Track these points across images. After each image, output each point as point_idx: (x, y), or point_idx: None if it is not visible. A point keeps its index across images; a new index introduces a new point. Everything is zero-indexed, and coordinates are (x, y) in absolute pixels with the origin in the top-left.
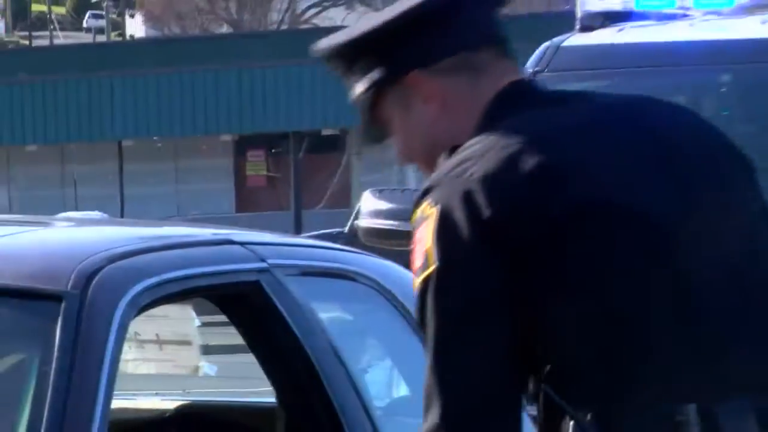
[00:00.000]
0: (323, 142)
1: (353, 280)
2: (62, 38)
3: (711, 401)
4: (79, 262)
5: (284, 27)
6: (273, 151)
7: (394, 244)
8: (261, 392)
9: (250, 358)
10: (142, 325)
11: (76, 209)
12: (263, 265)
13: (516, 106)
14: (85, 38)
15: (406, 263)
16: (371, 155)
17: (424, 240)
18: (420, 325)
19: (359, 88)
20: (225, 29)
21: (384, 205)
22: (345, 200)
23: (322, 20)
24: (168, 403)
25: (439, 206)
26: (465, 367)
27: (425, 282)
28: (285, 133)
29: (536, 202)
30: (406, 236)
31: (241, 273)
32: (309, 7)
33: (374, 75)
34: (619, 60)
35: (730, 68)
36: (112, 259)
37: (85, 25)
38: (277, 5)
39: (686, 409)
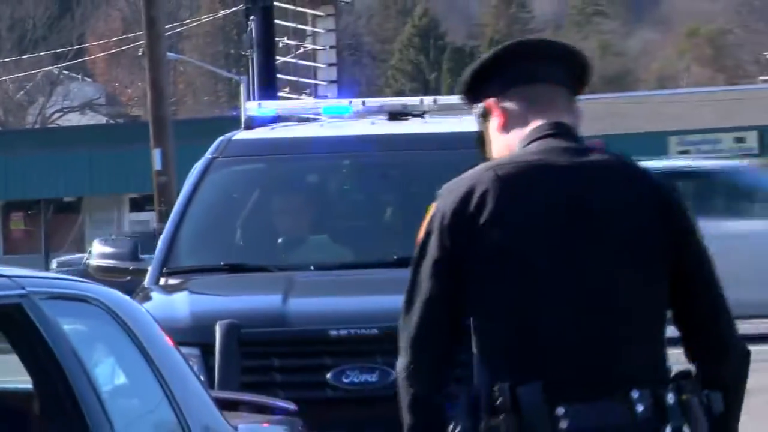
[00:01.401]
0: (65, 206)
1: (87, 302)
2: None
3: (517, 383)
4: None
5: (37, 126)
6: (29, 212)
7: (115, 276)
8: (21, 381)
9: (14, 357)
10: None
11: None
12: (23, 291)
13: (529, 145)
14: None
15: (125, 291)
16: (99, 215)
17: (425, 223)
18: None
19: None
20: None
21: (108, 249)
22: (80, 246)
23: (63, 121)
24: None
25: (433, 210)
26: (417, 301)
27: (417, 246)
28: (38, 200)
29: (466, 223)
30: (123, 271)
31: (6, 297)
32: (54, 112)
33: (480, 108)
34: (272, 149)
35: (349, 155)
36: None
37: None
38: (32, 110)
39: (500, 387)
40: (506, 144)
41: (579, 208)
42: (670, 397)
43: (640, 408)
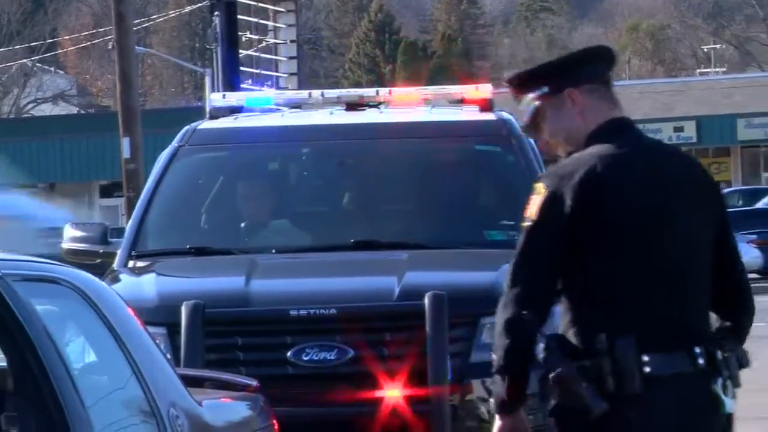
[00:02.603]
0: (38, 191)
1: (58, 283)
2: None
3: (615, 336)
4: None
5: (12, 116)
6: None
7: (85, 259)
8: None
9: None
10: None
11: None
12: None
13: (608, 136)
14: None
15: (94, 273)
16: (71, 200)
17: (533, 203)
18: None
19: (532, 98)
20: None
21: (79, 233)
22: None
23: (37, 112)
24: None
25: (545, 190)
26: (527, 261)
27: (528, 222)
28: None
29: (586, 202)
30: (94, 254)
31: None
32: (28, 103)
33: (544, 89)
34: (236, 137)
35: (308, 143)
36: None
37: None
38: (7, 101)
39: (599, 337)
40: (581, 129)
41: (663, 190)
42: (718, 354)
43: (700, 361)
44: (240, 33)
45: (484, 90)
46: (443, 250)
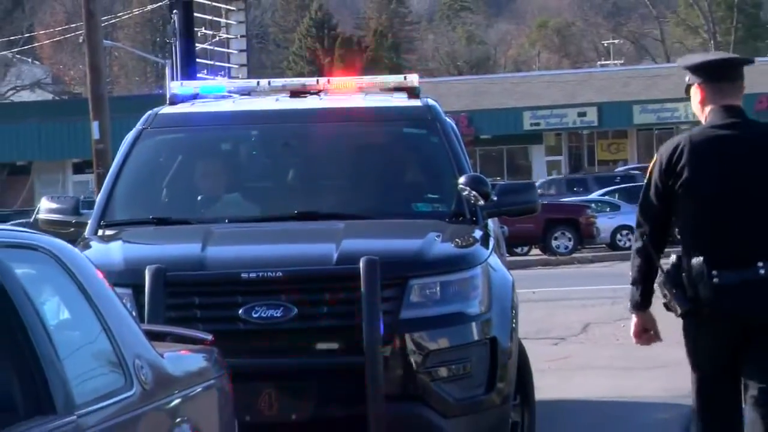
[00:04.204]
0: (17, 169)
1: (36, 250)
2: None
3: (691, 257)
4: None
5: None
6: None
7: (60, 228)
8: None
9: None
10: None
11: None
12: None
13: (710, 118)
14: None
15: (69, 240)
16: (47, 177)
17: (651, 163)
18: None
19: (687, 80)
20: None
21: (54, 205)
22: (31, 203)
23: (16, 98)
24: None
25: (657, 155)
26: (645, 206)
27: (646, 178)
28: None
29: (672, 167)
30: (67, 224)
31: None
32: (8, 90)
33: (690, 80)
34: (193, 121)
35: (257, 126)
36: None
37: None
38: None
39: (683, 259)
40: (702, 113)
41: (733, 159)
42: None
43: (761, 272)
44: (196, 28)
45: (412, 79)
46: (376, 220)
